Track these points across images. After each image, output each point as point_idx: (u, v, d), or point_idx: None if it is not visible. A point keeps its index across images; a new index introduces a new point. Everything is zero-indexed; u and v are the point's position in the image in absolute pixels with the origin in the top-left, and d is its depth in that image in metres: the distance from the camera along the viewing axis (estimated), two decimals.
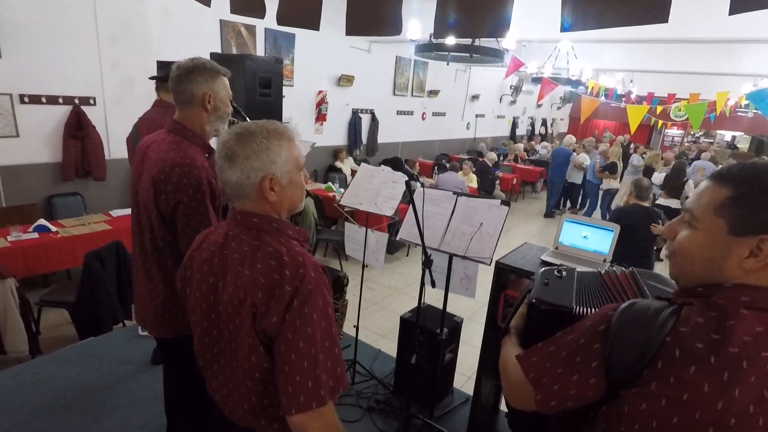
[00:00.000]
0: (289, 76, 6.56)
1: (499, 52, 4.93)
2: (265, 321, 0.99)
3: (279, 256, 1.02)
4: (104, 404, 2.51)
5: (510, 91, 13.04)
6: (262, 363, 1.03)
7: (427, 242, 2.18)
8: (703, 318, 0.74)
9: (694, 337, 0.72)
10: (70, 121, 4.43)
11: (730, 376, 0.69)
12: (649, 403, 0.73)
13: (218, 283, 1.09)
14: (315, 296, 0.99)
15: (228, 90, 1.64)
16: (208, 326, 1.13)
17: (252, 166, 1.04)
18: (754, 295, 0.73)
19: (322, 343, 0.99)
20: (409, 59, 8.89)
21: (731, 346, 0.70)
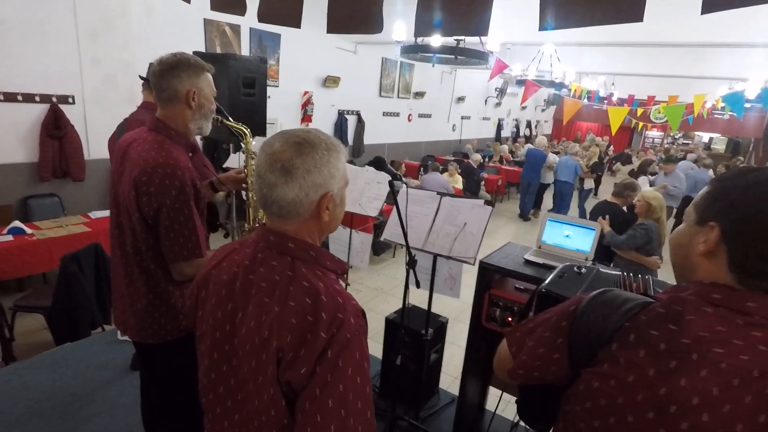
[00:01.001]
0: (275, 77, 6.51)
1: (484, 54, 4.96)
2: (291, 371, 0.84)
3: (316, 294, 0.87)
4: (81, 412, 2.44)
5: (495, 93, 13.16)
6: (283, 420, 0.88)
7: (411, 242, 2.17)
8: (665, 309, 0.77)
9: (651, 325, 0.76)
10: (48, 119, 4.32)
11: (677, 365, 0.71)
12: (600, 382, 0.77)
13: (237, 312, 0.94)
14: (352, 347, 0.85)
15: (212, 86, 1.58)
16: (219, 359, 0.98)
17: (314, 181, 0.90)
18: (727, 294, 0.74)
19: (355, 404, 0.83)
20: (395, 61, 8.91)
21: (684, 337, 0.72)
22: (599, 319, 0.80)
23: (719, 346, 0.70)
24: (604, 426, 0.76)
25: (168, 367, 1.67)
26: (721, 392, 0.68)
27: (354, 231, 2.53)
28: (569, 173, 8.01)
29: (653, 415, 0.72)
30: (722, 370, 0.69)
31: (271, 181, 0.90)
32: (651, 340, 0.74)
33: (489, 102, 13.40)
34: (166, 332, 1.56)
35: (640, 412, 0.73)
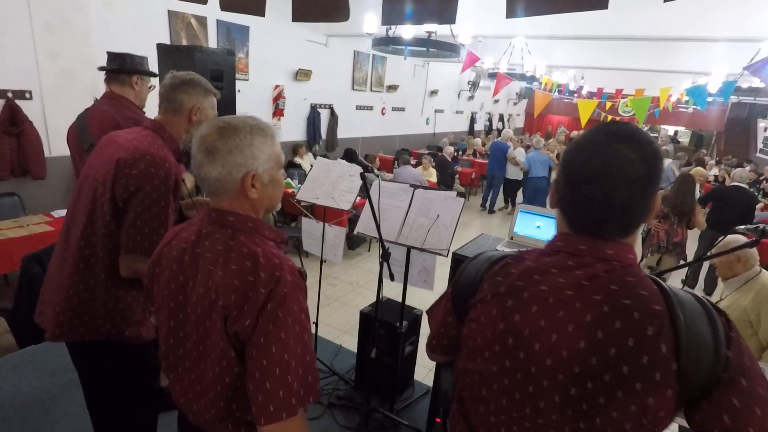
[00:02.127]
0: (244, 70, 6.38)
1: (455, 46, 4.99)
2: (237, 324, 0.94)
3: (254, 257, 0.98)
4: (47, 415, 2.36)
5: (468, 86, 13.24)
6: (233, 368, 0.99)
7: (385, 235, 2.17)
8: (513, 260, 0.91)
9: (498, 273, 0.90)
10: (4, 116, 4.11)
11: (513, 303, 0.84)
12: (468, 328, 0.92)
13: (188, 282, 1.04)
14: (290, 300, 0.95)
15: (215, 109, 1.66)
16: (175, 327, 1.08)
17: (234, 161, 1.00)
18: (565, 240, 0.85)
19: (295, 349, 0.94)
20: (367, 54, 8.85)
21: (518, 280, 0.85)
22: (469, 278, 0.95)
23: (546, 284, 0.82)
24: (476, 365, 0.90)
25: (96, 371, 1.64)
26: (547, 323, 0.79)
27: (327, 225, 2.51)
28: (543, 168, 8.00)
29: (499, 348, 0.85)
30: (550, 305, 0.80)
31: (198, 160, 1.02)
32: (495, 285, 0.88)
33: (462, 95, 13.49)
34: (86, 330, 1.52)
35: (491, 347, 0.86)
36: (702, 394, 0.72)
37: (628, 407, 0.72)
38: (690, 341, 0.71)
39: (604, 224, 0.80)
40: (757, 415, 0.70)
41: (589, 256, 0.81)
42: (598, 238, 0.81)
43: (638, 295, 0.75)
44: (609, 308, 0.75)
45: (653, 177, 0.79)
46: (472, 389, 0.92)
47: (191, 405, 1.08)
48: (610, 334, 0.74)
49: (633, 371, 0.72)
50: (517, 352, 0.82)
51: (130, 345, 1.58)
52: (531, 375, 0.80)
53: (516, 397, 0.83)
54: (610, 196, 0.78)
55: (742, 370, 0.72)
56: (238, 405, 1.03)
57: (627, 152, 0.77)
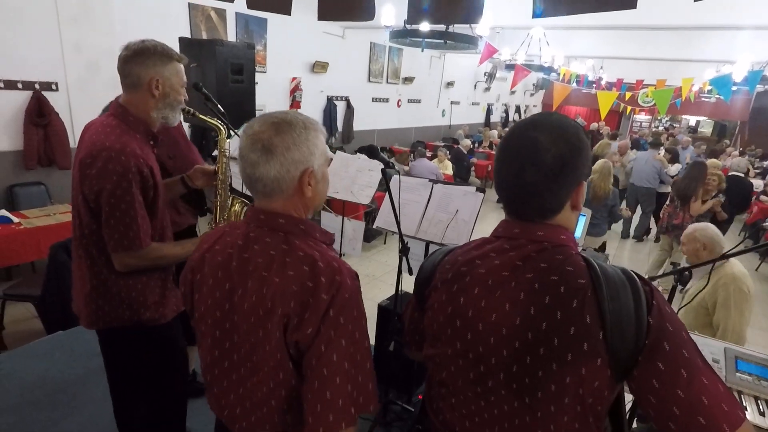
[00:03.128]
0: (262, 63, 6.41)
1: (473, 38, 4.94)
2: (298, 333, 0.90)
3: (312, 261, 0.93)
4: (74, 399, 2.45)
5: (484, 78, 13.11)
6: (291, 380, 0.95)
7: (404, 230, 2.19)
8: (460, 249, 0.98)
9: (447, 262, 0.96)
10: (31, 107, 4.22)
11: (458, 287, 0.90)
12: (427, 315, 0.97)
13: (236, 289, 0.99)
14: (351, 306, 0.92)
15: (182, 77, 1.55)
16: (221, 337, 1.03)
17: (293, 158, 0.95)
18: (503, 226, 0.93)
19: (355, 357, 0.91)
20: (383, 46, 8.82)
21: (462, 265, 0.92)
22: (426, 271, 1.00)
23: (484, 267, 0.88)
24: (435, 350, 0.94)
25: (120, 356, 1.67)
26: (487, 304, 0.85)
27: (346, 219, 2.54)
28: None
29: (450, 332, 0.90)
30: (489, 286, 0.86)
31: (253, 160, 0.95)
32: (444, 273, 0.94)
33: (478, 87, 13.36)
34: (110, 318, 1.55)
35: (444, 331, 0.91)
36: (634, 363, 0.76)
37: (563, 379, 0.77)
38: (613, 310, 0.76)
39: (519, 206, 0.89)
40: (683, 377, 0.73)
41: (522, 238, 0.87)
42: (530, 222, 0.88)
43: (565, 271, 0.80)
44: (539, 285, 0.81)
45: (566, 166, 0.83)
46: (435, 374, 0.97)
47: (240, 421, 1.03)
48: (540, 309, 0.79)
49: (563, 342, 0.77)
50: (465, 333, 0.88)
51: (153, 327, 1.60)
52: (480, 354, 0.86)
53: (470, 377, 0.88)
54: (518, 178, 0.85)
55: (664, 335, 0.75)
56: (293, 418, 0.98)
57: (542, 139, 0.83)
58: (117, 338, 1.63)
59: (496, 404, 0.86)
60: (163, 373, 1.72)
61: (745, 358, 1.55)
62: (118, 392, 1.84)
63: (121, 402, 1.85)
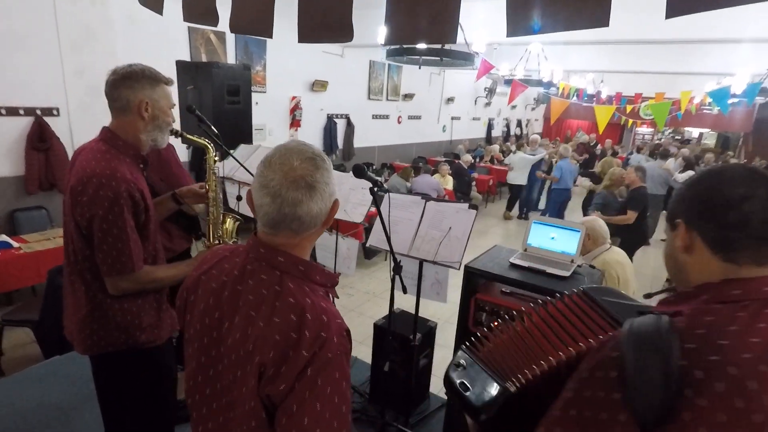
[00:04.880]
0: (262, 83, 6.50)
1: (469, 55, 4.98)
2: (271, 386, 0.86)
3: (302, 310, 0.89)
4: (69, 425, 2.42)
5: (484, 93, 13.21)
6: (264, 429, 0.91)
7: (396, 248, 2.17)
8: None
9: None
10: (33, 132, 4.28)
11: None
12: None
13: (224, 320, 0.96)
14: (333, 367, 0.87)
15: (169, 99, 1.57)
16: (206, 363, 1.00)
17: (329, 192, 0.96)
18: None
19: (331, 424, 0.85)
20: (382, 63, 8.92)
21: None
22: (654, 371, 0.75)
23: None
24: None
25: (112, 380, 1.65)
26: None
27: (341, 237, 2.53)
28: (569, 178, 7.30)
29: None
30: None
31: (295, 198, 0.91)
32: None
33: (479, 102, 13.45)
34: (106, 343, 1.54)
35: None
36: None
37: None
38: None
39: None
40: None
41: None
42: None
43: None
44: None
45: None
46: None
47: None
48: None
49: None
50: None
51: (146, 350, 1.60)
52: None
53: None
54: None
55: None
56: None
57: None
58: (110, 362, 1.62)
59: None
60: (153, 397, 1.71)
61: None
62: (109, 417, 1.82)
63: (111, 426, 1.83)
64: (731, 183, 0.76)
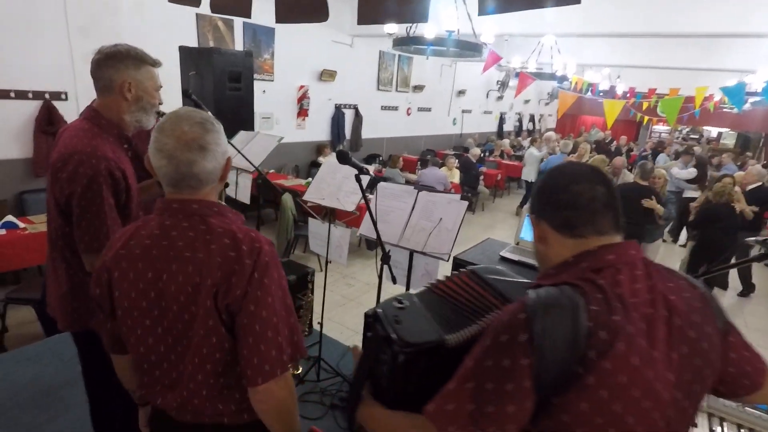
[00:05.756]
0: (270, 71, 6.49)
1: (478, 45, 4.90)
2: (228, 297, 1.00)
3: (232, 234, 1.04)
4: (61, 402, 2.47)
5: (497, 86, 13.04)
6: (223, 342, 1.04)
7: (386, 238, 2.16)
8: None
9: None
10: (41, 116, 4.34)
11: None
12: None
13: (160, 276, 1.04)
14: (272, 268, 1.04)
15: (156, 81, 1.57)
16: (152, 325, 1.07)
17: (221, 151, 1.08)
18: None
19: (281, 312, 1.03)
20: (392, 54, 8.85)
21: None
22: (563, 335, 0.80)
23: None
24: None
25: (96, 357, 1.64)
26: None
27: (333, 225, 2.52)
28: None
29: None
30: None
31: (189, 159, 1.02)
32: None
33: (491, 95, 13.29)
34: (86, 320, 1.56)
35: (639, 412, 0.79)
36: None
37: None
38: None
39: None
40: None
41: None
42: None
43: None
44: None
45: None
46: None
47: (176, 397, 1.09)
48: None
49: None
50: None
51: None
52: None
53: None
54: None
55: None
56: (226, 381, 1.08)
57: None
58: (92, 340, 1.62)
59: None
60: None
61: None
62: (94, 394, 1.85)
63: (96, 404, 1.86)
64: (564, 175, 0.87)
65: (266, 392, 1.01)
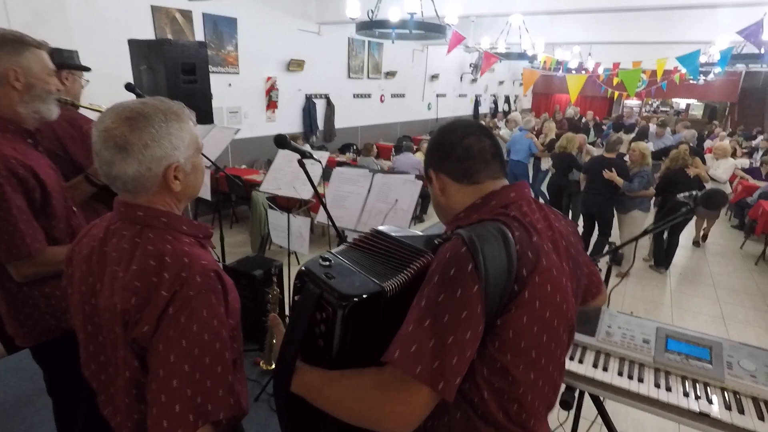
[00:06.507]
0: (234, 63, 6.35)
1: (441, 27, 4.86)
2: (135, 330, 0.87)
3: (160, 256, 0.89)
4: (23, 422, 2.39)
5: (470, 69, 13.01)
6: (139, 378, 0.91)
7: (344, 223, 2.14)
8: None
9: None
10: None
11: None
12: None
13: (96, 284, 0.96)
14: (197, 304, 0.87)
15: (46, 64, 1.43)
16: (93, 332, 1.00)
17: (153, 155, 0.89)
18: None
19: (201, 360, 0.85)
20: (362, 41, 8.74)
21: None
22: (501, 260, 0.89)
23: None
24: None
25: (57, 369, 1.61)
26: None
27: (292, 215, 2.48)
28: (522, 152, 7.00)
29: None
30: None
31: (107, 158, 0.89)
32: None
33: (465, 78, 13.26)
34: (39, 333, 1.48)
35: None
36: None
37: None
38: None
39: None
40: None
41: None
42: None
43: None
44: None
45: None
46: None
47: (113, 418, 1.02)
48: None
49: None
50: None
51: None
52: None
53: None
54: None
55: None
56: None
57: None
58: (49, 351, 1.57)
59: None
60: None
61: (675, 337, 1.48)
62: (59, 409, 1.78)
63: (62, 419, 1.80)
64: (455, 131, 0.98)
65: None
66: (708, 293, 4.62)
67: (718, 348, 1.45)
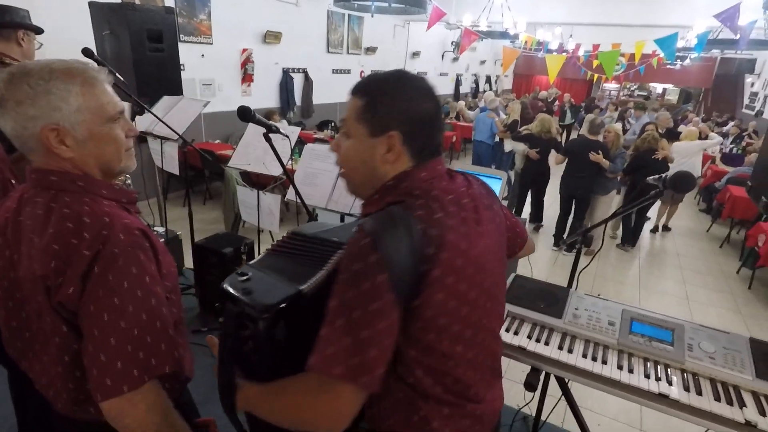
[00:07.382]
0: (207, 33, 6.09)
1: (421, 1, 4.75)
2: (60, 293, 0.83)
3: (77, 216, 0.86)
4: None
5: (452, 47, 12.86)
6: (70, 344, 0.88)
7: (315, 201, 2.08)
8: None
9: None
10: None
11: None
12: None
13: (13, 256, 0.92)
14: (125, 262, 0.84)
15: None
16: (14, 307, 0.96)
17: (26, 113, 0.84)
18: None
19: (137, 316, 0.84)
20: (341, 14, 8.50)
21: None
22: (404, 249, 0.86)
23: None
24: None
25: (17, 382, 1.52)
26: None
27: (262, 193, 2.41)
28: (485, 132, 6.75)
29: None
30: None
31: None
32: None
33: (446, 57, 13.11)
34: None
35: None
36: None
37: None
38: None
39: None
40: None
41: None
42: None
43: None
44: None
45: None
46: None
47: (47, 391, 0.99)
48: None
49: None
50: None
51: None
52: None
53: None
54: None
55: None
56: (84, 377, 0.93)
57: None
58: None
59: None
60: None
61: (640, 319, 1.50)
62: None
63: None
64: (423, 88, 0.90)
65: (111, 413, 0.84)
66: (674, 274, 4.75)
67: (680, 330, 1.47)
